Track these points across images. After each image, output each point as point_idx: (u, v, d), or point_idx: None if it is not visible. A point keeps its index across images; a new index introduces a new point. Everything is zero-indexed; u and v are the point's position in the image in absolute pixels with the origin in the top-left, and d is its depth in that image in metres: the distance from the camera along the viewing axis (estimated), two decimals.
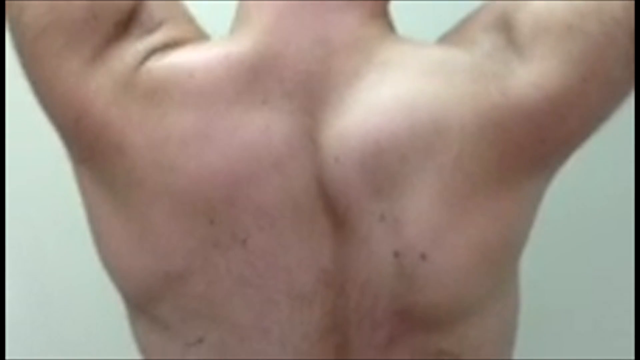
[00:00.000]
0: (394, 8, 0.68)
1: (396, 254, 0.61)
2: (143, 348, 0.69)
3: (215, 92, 0.61)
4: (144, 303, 0.66)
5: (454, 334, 0.64)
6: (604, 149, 1.38)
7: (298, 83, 0.61)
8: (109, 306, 0.76)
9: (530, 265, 1.34)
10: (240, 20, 0.65)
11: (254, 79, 0.61)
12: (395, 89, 0.60)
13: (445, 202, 0.60)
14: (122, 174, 0.62)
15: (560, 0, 0.61)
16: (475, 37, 0.63)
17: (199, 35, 0.66)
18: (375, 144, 0.59)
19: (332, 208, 0.61)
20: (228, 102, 0.61)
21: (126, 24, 0.63)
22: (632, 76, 0.62)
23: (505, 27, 0.62)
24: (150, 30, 0.63)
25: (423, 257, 0.60)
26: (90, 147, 0.63)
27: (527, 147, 0.61)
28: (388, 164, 0.60)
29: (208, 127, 0.61)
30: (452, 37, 0.66)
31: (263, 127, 0.61)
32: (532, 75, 0.60)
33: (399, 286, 0.61)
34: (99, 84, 0.62)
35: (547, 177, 0.65)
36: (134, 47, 0.62)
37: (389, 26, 0.65)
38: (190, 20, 0.67)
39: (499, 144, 0.60)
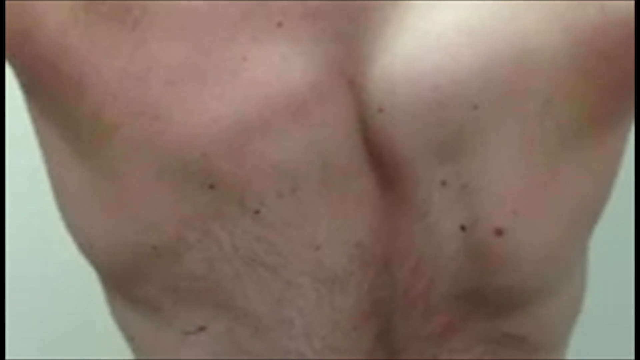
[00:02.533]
0: None
1: (463, 228, 0.48)
2: (129, 337, 0.56)
3: (213, 12, 0.45)
4: (124, 283, 0.52)
5: (525, 316, 0.53)
6: None
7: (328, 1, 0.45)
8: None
9: None
10: None
11: None
12: (459, 10, 0.45)
13: (530, 161, 0.47)
14: (86, 118, 0.47)
15: None
16: None
17: None
18: (434, 91, 0.45)
19: (377, 171, 0.47)
20: (231, 25, 0.45)
21: None
22: None
23: None
24: None
25: (499, 232, 0.47)
26: (42, 80, 0.47)
27: (627, 76, 0.47)
28: (453, 116, 0.45)
29: (204, 60, 0.45)
30: None
31: (278, 59, 0.45)
32: None
33: (464, 267, 0.49)
34: None
35: (631, 117, 0.51)
36: None
37: None
38: None
39: (600, 78, 0.46)
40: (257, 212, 0.47)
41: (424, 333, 0.51)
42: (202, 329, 0.51)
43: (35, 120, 0.51)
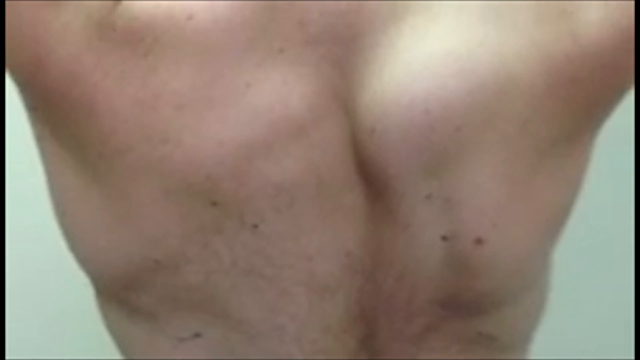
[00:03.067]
0: None
1: (444, 239, 0.51)
2: (120, 341, 0.58)
3: (219, 40, 0.47)
4: (122, 292, 0.54)
5: (497, 316, 0.57)
6: (604, 149, 1.38)
7: (324, 27, 0.48)
8: None
9: None
10: None
11: (269, 21, 0.47)
12: (447, 40, 0.48)
13: (509, 176, 0.50)
14: (95, 141, 0.49)
15: None
16: None
17: None
18: (423, 115, 0.48)
19: (366, 187, 0.51)
20: (237, 52, 0.47)
21: None
22: None
23: None
24: None
25: (479, 241, 0.51)
26: (53, 105, 0.49)
27: (598, 97, 0.51)
28: (439, 138, 0.48)
29: (210, 86, 0.47)
30: None
31: (280, 84, 0.48)
32: (602, 12, 0.49)
33: (445, 275, 0.52)
34: (66, 21, 0.47)
35: (599, 127, 0.55)
36: None
37: None
38: None
39: (573, 102, 0.50)
40: (255, 226, 0.50)
41: (405, 335, 0.54)
42: (197, 335, 0.54)
43: (39, 139, 0.53)
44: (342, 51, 0.48)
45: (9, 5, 0.47)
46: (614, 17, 0.49)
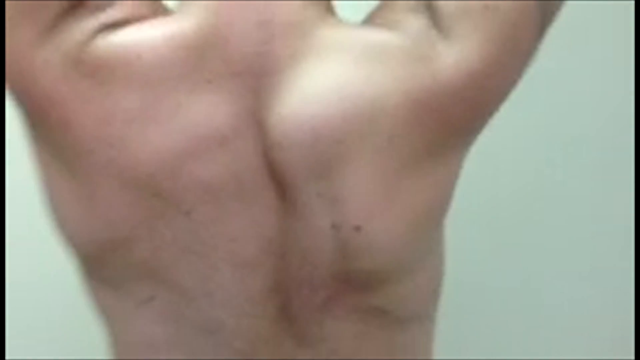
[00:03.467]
0: None
1: (334, 227, 0.66)
2: (100, 308, 0.73)
3: (160, 73, 0.63)
4: (93, 266, 0.70)
5: (385, 292, 0.71)
6: (604, 149, 1.37)
7: (242, 64, 0.64)
8: None
9: (531, 265, 1.34)
10: None
11: (199, 59, 0.64)
12: (330, 76, 0.64)
13: (378, 180, 0.66)
14: (69, 146, 0.65)
15: None
16: (401, 18, 0.66)
17: (156, 10, 0.67)
18: (311, 131, 0.64)
19: (275, 186, 0.66)
20: (173, 82, 0.63)
21: None
22: (539, 44, 0.69)
23: (428, 8, 0.66)
24: (102, 7, 0.64)
25: (357, 229, 0.66)
26: (40, 119, 0.65)
27: (454, 123, 0.66)
28: (324, 148, 0.64)
29: (152, 106, 0.63)
30: (377, 18, 0.69)
31: (208, 106, 0.64)
32: (457, 56, 0.65)
33: (335, 255, 0.67)
34: (47, 58, 0.63)
35: (470, 143, 0.71)
36: (84, 23, 0.63)
37: (329, 8, 0.68)
38: None
39: (429, 125, 0.65)
40: (188, 213, 0.66)
41: (312, 304, 0.70)
42: (152, 298, 0.70)
43: (31, 143, 0.69)
44: (257, 83, 0.65)
45: (9, 45, 0.64)
46: (467, 62, 0.65)
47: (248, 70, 0.64)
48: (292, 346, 0.71)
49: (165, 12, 0.68)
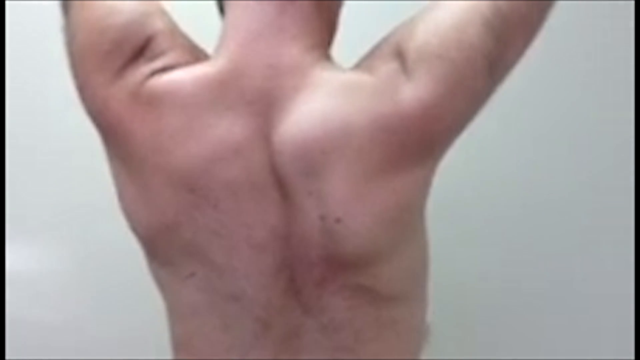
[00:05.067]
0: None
1: (320, 218, 0.86)
2: (158, 282, 0.96)
3: (195, 102, 0.87)
4: (151, 248, 0.94)
5: (369, 272, 0.90)
6: (604, 149, 1.36)
7: (254, 95, 0.87)
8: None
9: (531, 265, 1.33)
10: (220, 41, 0.92)
11: (223, 91, 0.87)
12: (317, 104, 0.86)
13: (351, 183, 0.86)
14: (132, 154, 0.89)
15: (434, 34, 0.86)
16: (377, 64, 0.88)
17: (197, 57, 0.92)
18: (303, 142, 0.85)
19: (278, 185, 0.87)
20: (204, 108, 0.87)
21: (140, 51, 0.89)
22: (494, 83, 0.88)
23: (399, 55, 0.87)
24: (155, 57, 0.89)
25: (338, 220, 0.86)
26: (112, 137, 0.91)
27: (410, 143, 0.86)
28: (312, 157, 0.85)
29: (189, 125, 0.87)
30: (363, 63, 0.91)
31: (229, 125, 0.87)
32: (414, 92, 0.85)
33: (324, 240, 0.87)
34: (116, 93, 0.88)
35: (436, 159, 0.90)
36: (143, 68, 0.88)
37: (326, 55, 0.91)
38: (190, 46, 0.93)
39: (390, 143, 0.85)
40: (215, 205, 0.88)
41: (311, 281, 0.89)
42: (193, 274, 0.91)
43: (107, 153, 0.94)
44: (265, 109, 0.87)
45: (90, 85, 0.90)
46: (421, 97, 0.85)
47: (258, 100, 0.86)
48: (299, 315, 0.90)
49: (205, 57, 0.92)
